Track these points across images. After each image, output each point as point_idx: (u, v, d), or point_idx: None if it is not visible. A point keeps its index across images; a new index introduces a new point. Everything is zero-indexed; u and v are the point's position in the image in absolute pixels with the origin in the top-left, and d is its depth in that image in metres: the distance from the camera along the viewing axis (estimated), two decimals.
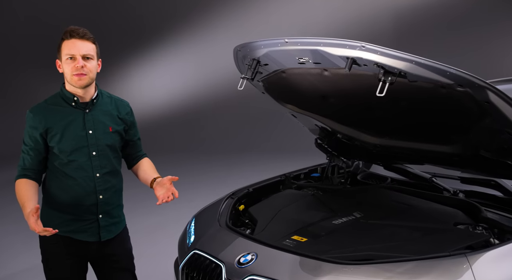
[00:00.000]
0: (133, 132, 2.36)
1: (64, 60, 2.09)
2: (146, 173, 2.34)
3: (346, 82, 2.19)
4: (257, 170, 7.59)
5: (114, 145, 2.24)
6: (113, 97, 2.32)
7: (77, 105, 2.16)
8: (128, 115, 2.33)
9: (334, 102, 2.48)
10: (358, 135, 2.65)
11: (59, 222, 2.16)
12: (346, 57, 1.94)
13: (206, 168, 8.09)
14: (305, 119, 2.79)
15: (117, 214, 2.31)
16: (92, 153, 2.16)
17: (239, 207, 2.63)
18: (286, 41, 2.11)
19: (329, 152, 2.97)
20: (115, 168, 2.26)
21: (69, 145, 2.12)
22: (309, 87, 2.41)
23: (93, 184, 2.17)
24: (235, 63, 2.58)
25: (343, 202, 2.57)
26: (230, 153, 9.11)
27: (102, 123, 2.20)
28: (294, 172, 3.05)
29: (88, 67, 2.10)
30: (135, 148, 2.39)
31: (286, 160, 8.25)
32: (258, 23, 10.01)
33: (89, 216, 2.19)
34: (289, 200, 2.65)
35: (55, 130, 2.10)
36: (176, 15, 10.42)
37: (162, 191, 2.16)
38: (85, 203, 2.17)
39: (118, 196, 2.31)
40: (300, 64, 2.22)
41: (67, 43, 2.08)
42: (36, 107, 2.16)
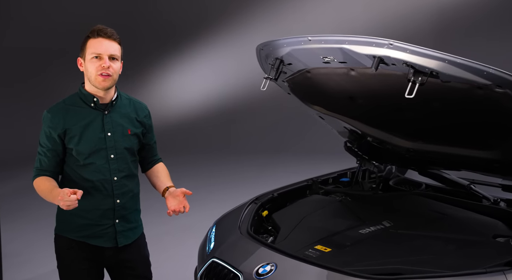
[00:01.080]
0: (150, 136, 2.30)
1: (89, 59, 2.01)
2: (160, 180, 2.27)
3: (374, 82, 2.05)
4: (289, 171, 7.47)
5: (133, 148, 2.18)
6: (131, 99, 2.25)
7: (96, 106, 2.08)
8: (147, 118, 2.26)
9: (362, 103, 2.33)
10: (389, 138, 2.50)
11: (75, 227, 2.11)
12: (373, 56, 1.81)
13: (239, 168, 8.02)
14: (333, 121, 2.66)
15: (134, 219, 2.24)
16: (110, 156, 2.09)
17: (262, 213, 2.52)
18: (309, 39, 1.99)
19: (359, 156, 2.82)
20: (133, 172, 2.19)
21: (87, 147, 2.04)
22: (336, 87, 2.28)
23: (111, 188, 2.10)
24: (258, 63, 2.48)
25: (372, 209, 2.42)
26: (264, 153, 9.02)
27: (121, 125, 2.12)
28: (322, 177, 2.92)
29: (113, 68, 2.02)
30: (151, 152, 2.33)
31: (320, 162, 8.09)
32: (293, 23, 9.86)
33: (105, 221, 2.13)
34: (315, 207, 2.53)
35: (73, 132, 2.03)
36: (208, 18, 10.40)
37: (174, 203, 2.10)
38: (101, 207, 2.11)
39: (135, 201, 2.24)
40: (325, 64, 2.09)
41: (93, 42, 2.01)
42: (54, 107, 2.09)
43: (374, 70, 1.80)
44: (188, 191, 2.09)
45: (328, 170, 3.19)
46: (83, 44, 2.04)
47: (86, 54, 2.02)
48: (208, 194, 6.34)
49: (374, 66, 1.80)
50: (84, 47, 2.03)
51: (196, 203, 5.88)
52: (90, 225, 2.10)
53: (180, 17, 10.39)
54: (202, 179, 7.26)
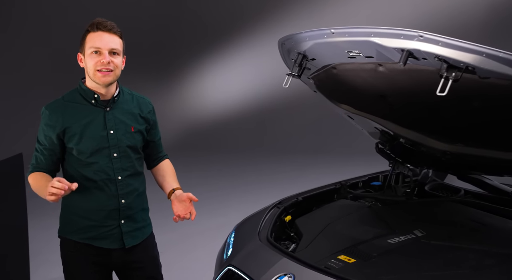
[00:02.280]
0: (155, 132, 2.19)
1: (88, 53, 1.92)
2: (165, 180, 2.18)
3: (404, 78, 1.87)
4: (327, 172, 7.27)
5: (136, 146, 2.08)
6: (134, 95, 2.14)
7: (97, 103, 1.99)
8: (150, 113, 2.15)
9: (393, 102, 2.15)
10: (423, 140, 2.30)
11: (79, 228, 2.03)
12: (401, 49, 1.63)
13: (278, 168, 7.90)
14: (363, 121, 2.48)
15: (142, 219, 2.14)
16: (113, 154, 2.00)
17: (285, 218, 2.38)
18: (332, 32, 1.83)
19: (392, 158, 2.63)
20: (137, 170, 2.10)
21: (89, 146, 1.96)
22: (364, 84, 2.11)
23: (115, 188, 2.01)
24: (281, 58, 2.34)
25: (404, 217, 2.24)
26: (304, 153, 8.86)
27: (123, 122, 2.03)
28: (351, 180, 2.74)
29: (114, 63, 1.93)
30: (156, 149, 2.22)
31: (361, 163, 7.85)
32: (332, 20, 9.62)
33: (110, 222, 2.04)
34: (342, 212, 2.36)
35: (73, 130, 1.95)
36: (243, 17, 10.30)
37: (181, 208, 2.02)
38: (106, 208, 2.02)
39: (141, 200, 2.14)
40: (350, 59, 1.93)
41: (92, 36, 1.91)
42: (53, 104, 2.00)
43: (402, 65, 1.63)
44: (194, 197, 2.00)
45: (367, 171, 3.00)
46: (82, 39, 1.94)
47: (86, 48, 1.93)
48: (244, 194, 6.26)
49: (402, 61, 1.62)
50: (84, 42, 1.94)
51: (231, 203, 5.86)
52: (95, 226, 2.03)
53: (215, 17, 10.35)
54: (238, 179, 7.19)
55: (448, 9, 8.98)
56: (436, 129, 2.22)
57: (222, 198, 6.14)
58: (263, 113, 10.06)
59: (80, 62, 1.98)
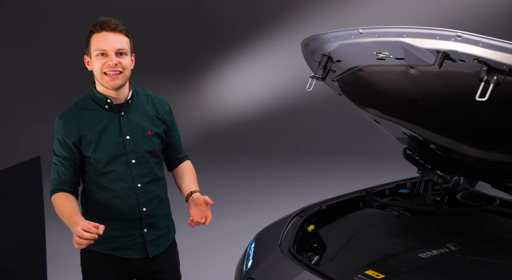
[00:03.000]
0: (173, 133, 2.09)
1: (94, 56, 1.81)
2: (184, 183, 2.07)
3: (438, 82, 1.74)
4: (350, 175, 7.14)
5: (155, 149, 1.98)
6: (149, 95, 2.04)
7: (111, 108, 1.89)
8: (167, 114, 2.05)
9: (424, 106, 2.02)
10: (456, 146, 2.16)
11: (100, 239, 1.91)
12: (436, 51, 1.51)
13: (299, 170, 7.77)
14: (391, 125, 2.35)
15: (164, 225, 2.06)
16: (131, 161, 1.90)
17: (308, 228, 2.27)
18: (360, 32, 1.71)
19: (421, 165, 2.49)
20: (157, 175, 2.00)
21: (105, 154, 1.87)
22: (393, 88, 1.98)
23: (135, 196, 1.92)
24: (305, 60, 2.22)
25: (435, 228, 2.10)
26: (325, 155, 8.71)
27: (139, 126, 1.92)
28: (377, 187, 2.61)
29: (122, 64, 1.82)
30: (175, 150, 2.13)
31: (383, 167, 7.68)
32: (354, 20, 9.44)
33: (133, 231, 1.95)
34: (368, 222, 2.23)
35: (89, 138, 1.86)
36: (263, 18, 10.19)
37: (197, 212, 1.92)
38: (127, 217, 1.93)
39: (163, 205, 2.05)
40: (379, 60, 1.81)
41: (97, 37, 1.80)
42: (66, 112, 1.91)
43: (437, 68, 1.50)
44: (210, 201, 1.89)
45: (390, 176, 2.86)
46: (87, 41, 1.84)
47: (91, 50, 1.82)
48: (266, 197, 6.16)
49: (438, 63, 1.49)
50: (89, 44, 1.83)
51: (252, 205, 5.75)
52: (117, 236, 1.94)
53: (234, 18, 10.26)
54: (259, 181, 7.08)
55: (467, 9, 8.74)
56: (471, 135, 2.07)
57: (243, 200, 6.05)
58: (283, 114, 9.95)
59: (88, 65, 1.88)
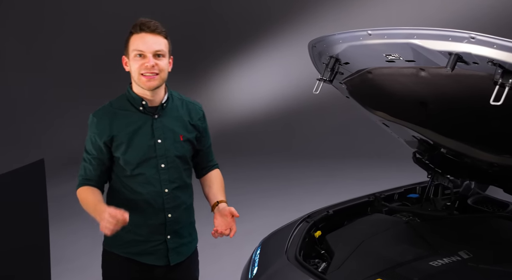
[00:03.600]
0: (205, 140, 2.06)
1: (132, 56, 1.80)
2: (211, 192, 2.03)
3: (450, 84, 1.68)
4: (358, 178, 7.06)
5: (185, 155, 1.95)
6: (184, 100, 2.02)
7: (145, 109, 1.88)
8: (201, 120, 2.02)
9: (435, 110, 1.96)
10: (468, 150, 2.10)
11: (123, 243, 1.93)
12: (449, 53, 1.45)
13: (306, 172, 7.70)
14: (400, 129, 2.29)
15: (188, 233, 2.02)
16: (160, 165, 1.87)
17: (314, 233, 2.21)
18: (369, 34, 1.66)
19: (431, 169, 2.43)
20: (185, 182, 1.97)
21: (135, 156, 1.85)
22: (403, 90, 1.92)
23: (161, 201, 1.89)
24: (312, 61, 2.17)
25: (447, 235, 2.04)
26: (333, 157, 8.63)
27: (172, 131, 1.90)
28: (386, 192, 2.55)
29: (159, 66, 1.80)
30: (205, 157, 2.09)
31: (394, 169, 7.59)
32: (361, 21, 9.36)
33: (156, 237, 1.93)
34: (377, 228, 2.18)
35: (120, 139, 1.84)
36: (271, 18, 10.14)
37: (221, 223, 1.87)
38: (152, 222, 1.90)
39: (188, 213, 2.02)
40: (388, 62, 1.75)
41: (136, 38, 1.80)
42: (101, 111, 1.90)
43: (449, 70, 1.44)
44: (235, 213, 1.85)
45: (399, 178, 2.79)
46: (126, 42, 1.84)
47: (129, 51, 1.82)
48: (272, 199, 6.09)
49: (450, 66, 1.44)
50: (127, 44, 1.83)
51: (258, 208, 5.69)
52: (140, 241, 1.91)
53: (241, 18, 10.22)
54: (265, 183, 7.01)
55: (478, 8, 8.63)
56: (483, 139, 2.01)
57: (249, 203, 5.98)
58: (290, 115, 9.88)
59: (125, 66, 1.88)
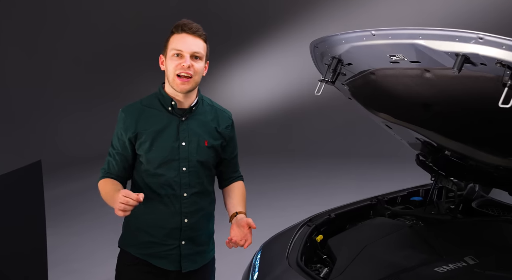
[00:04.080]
0: (231, 149, 2.03)
1: (170, 55, 1.80)
2: (231, 203, 2.00)
3: (456, 86, 1.63)
4: (357, 179, 7.03)
5: (208, 162, 1.92)
6: (214, 106, 2.00)
7: (174, 110, 1.86)
8: (228, 129, 1.99)
9: (440, 111, 1.92)
10: (473, 153, 2.05)
11: (138, 243, 1.92)
12: (455, 54, 1.41)
13: (305, 173, 7.66)
14: (403, 131, 2.25)
15: (204, 242, 1.99)
16: (182, 168, 1.85)
17: (316, 238, 2.17)
18: (373, 34, 1.62)
19: (434, 171, 2.39)
20: (206, 188, 1.94)
21: (158, 156, 1.83)
22: (407, 92, 1.88)
23: (179, 205, 1.87)
24: (313, 62, 2.13)
25: (452, 239, 1.99)
26: (332, 157, 8.59)
27: (197, 135, 1.88)
28: (388, 195, 2.51)
29: (195, 68, 1.79)
30: (230, 167, 2.06)
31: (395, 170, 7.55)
32: (364, 19, 9.32)
33: (170, 241, 1.90)
34: (380, 232, 2.13)
35: (145, 137, 1.83)
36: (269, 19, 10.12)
37: (238, 233, 1.83)
38: (167, 225, 1.88)
39: (206, 221, 1.99)
40: (392, 63, 1.71)
41: (176, 38, 1.80)
42: (130, 107, 1.90)
43: (456, 72, 1.40)
44: (253, 224, 1.81)
45: (399, 181, 2.75)
46: (166, 41, 1.84)
47: (168, 50, 1.81)
48: (273, 201, 6.04)
49: (457, 67, 1.39)
50: (167, 44, 1.83)
51: (259, 209, 5.64)
52: (155, 243, 1.89)
53: (240, 18, 10.18)
54: (266, 184, 6.97)
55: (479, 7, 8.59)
56: (489, 141, 1.97)
57: (249, 204, 5.95)
58: (289, 116, 9.85)
59: (161, 65, 1.88)
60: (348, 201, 6.36)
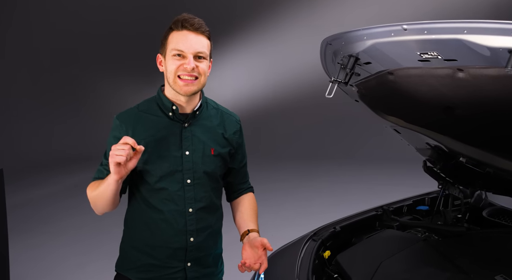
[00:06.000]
0: (240, 157, 1.82)
1: (170, 56, 1.58)
2: (242, 219, 1.79)
3: (493, 87, 1.47)
4: (330, 181, 6.93)
5: (215, 172, 1.70)
6: (220, 109, 1.78)
7: (175, 116, 1.65)
8: (237, 134, 1.78)
9: (461, 115, 1.76)
10: (492, 159, 1.91)
11: (138, 266, 1.68)
12: (509, 50, 1.24)
13: (277, 176, 7.50)
14: (413, 135, 2.09)
15: (212, 263, 1.77)
16: (186, 181, 1.64)
17: (323, 254, 1.98)
18: (404, 28, 1.43)
19: (442, 179, 2.24)
20: (214, 202, 1.72)
21: (159, 167, 1.61)
22: (429, 94, 1.71)
23: (184, 222, 1.65)
24: (321, 62, 1.94)
25: (474, 254, 1.84)
26: (301, 159, 8.48)
27: (202, 143, 1.67)
28: (394, 204, 2.34)
29: (200, 69, 1.58)
30: (238, 177, 1.85)
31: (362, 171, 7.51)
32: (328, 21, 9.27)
33: (174, 263, 1.67)
34: (392, 247, 1.96)
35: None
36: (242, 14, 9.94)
37: (251, 255, 1.62)
38: (171, 245, 1.66)
39: (214, 240, 1.76)
40: (421, 62, 1.53)
41: (176, 35, 1.57)
42: (125, 113, 1.68)
43: (510, 71, 1.23)
44: (269, 246, 1.60)
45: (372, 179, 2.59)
46: (164, 38, 1.60)
47: (167, 50, 1.58)
48: None
49: (511, 65, 1.22)
50: (165, 42, 1.59)
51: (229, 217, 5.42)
52: (157, 266, 1.66)
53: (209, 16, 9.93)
54: None
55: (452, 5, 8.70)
56: (510, 147, 1.83)
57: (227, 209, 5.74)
58: (254, 118, 9.67)
59: (160, 65, 1.64)
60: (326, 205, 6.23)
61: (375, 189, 6.19)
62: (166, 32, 1.61)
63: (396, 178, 6.78)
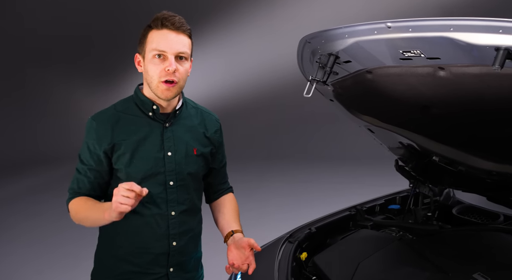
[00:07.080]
0: (220, 157, 1.77)
1: (150, 57, 1.50)
2: (224, 219, 1.74)
3: (473, 85, 1.47)
4: (288, 181, 6.96)
5: (198, 173, 1.65)
6: (199, 108, 1.72)
7: (156, 116, 1.57)
8: (217, 133, 1.74)
9: (438, 114, 1.76)
10: (465, 158, 1.94)
11: (118, 274, 1.59)
12: (496, 48, 1.23)
13: (237, 177, 7.42)
14: (386, 135, 2.09)
15: (193, 267, 1.71)
16: (169, 182, 1.57)
17: (300, 256, 1.94)
18: (388, 26, 1.41)
19: (413, 177, 2.26)
20: (195, 205, 1.67)
21: (140, 170, 1.53)
22: (407, 93, 1.70)
23: (166, 226, 1.58)
24: (297, 61, 1.90)
25: (451, 253, 1.84)
26: (260, 160, 8.47)
27: (185, 143, 1.61)
28: (366, 204, 2.34)
29: (179, 72, 1.51)
30: (219, 178, 1.79)
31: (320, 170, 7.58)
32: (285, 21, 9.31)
33: (156, 269, 1.60)
34: (369, 247, 1.95)
35: (124, 148, 1.53)
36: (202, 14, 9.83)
37: (237, 256, 1.57)
38: (153, 250, 1.59)
39: (195, 243, 1.71)
40: (403, 60, 1.52)
41: (156, 35, 1.49)
42: (102, 114, 1.58)
43: (498, 69, 1.23)
44: (256, 246, 1.55)
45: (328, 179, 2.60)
46: (142, 37, 1.50)
47: (146, 50, 1.49)
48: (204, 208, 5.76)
49: (499, 63, 1.22)
50: (144, 41, 1.50)
51: None
52: (138, 273, 1.58)
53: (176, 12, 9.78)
54: None
55: None
56: (483, 145, 1.85)
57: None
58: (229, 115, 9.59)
59: (138, 66, 1.55)
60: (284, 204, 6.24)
61: (336, 187, 6.28)
62: (144, 30, 1.53)
63: (354, 176, 6.90)
